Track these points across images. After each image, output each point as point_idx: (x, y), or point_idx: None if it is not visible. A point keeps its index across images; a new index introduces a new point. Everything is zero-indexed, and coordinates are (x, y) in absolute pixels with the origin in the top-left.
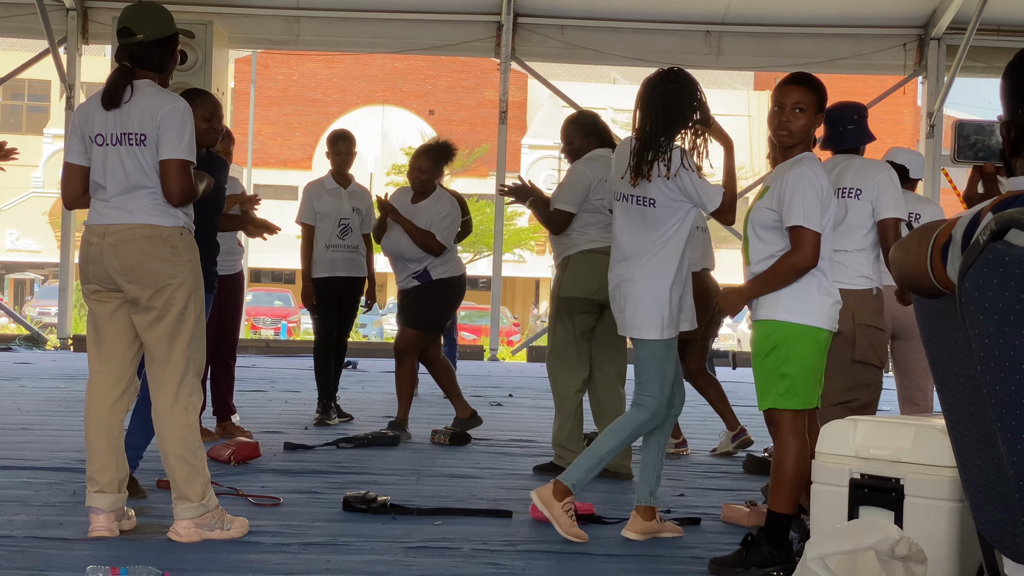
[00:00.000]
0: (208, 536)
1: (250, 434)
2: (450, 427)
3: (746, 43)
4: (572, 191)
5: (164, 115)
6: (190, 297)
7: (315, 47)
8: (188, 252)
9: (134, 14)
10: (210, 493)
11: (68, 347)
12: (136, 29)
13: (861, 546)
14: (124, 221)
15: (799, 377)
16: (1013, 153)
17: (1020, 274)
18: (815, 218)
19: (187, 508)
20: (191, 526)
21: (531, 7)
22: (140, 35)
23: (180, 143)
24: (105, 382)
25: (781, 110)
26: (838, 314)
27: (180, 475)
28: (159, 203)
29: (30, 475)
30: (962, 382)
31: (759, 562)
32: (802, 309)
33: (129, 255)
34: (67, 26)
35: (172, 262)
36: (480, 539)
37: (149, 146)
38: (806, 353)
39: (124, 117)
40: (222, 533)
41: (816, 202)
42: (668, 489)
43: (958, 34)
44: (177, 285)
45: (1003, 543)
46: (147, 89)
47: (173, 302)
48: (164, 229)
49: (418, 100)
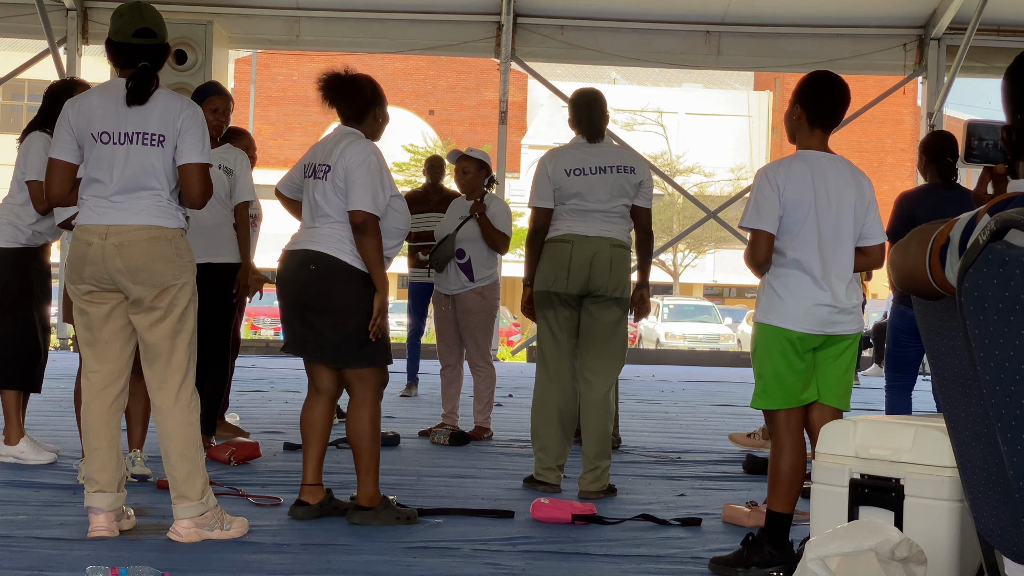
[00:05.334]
0: (208, 536)
1: (247, 434)
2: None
3: (746, 43)
4: (535, 187)
5: (185, 119)
6: (191, 297)
7: (315, 47)
8: (189, 253)
9: (151, 16)
10: (209, 492)
11: (68, 347)
12: (157, 31)
13: (861, 548)
14: (128, 222)
15: (770, 378)
16: (1015, 156)
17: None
18: (753, 217)
19: (187, 507)
20: (191, 526)
21: (531, 7)
22: (159, 37)
23: (202, 148)
24: (102, 382)
25: None
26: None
27: (181, 473)
28: (163, 204)
29: (30, 475)
30: (962, 382)
31: (760, 562)
32: (768, 310)
33: (135, 256)
34: (67, 26)
35: (177, 263)
36: (480, 539)
37: (166, 148)
38: (775, 353)
39: (144, 117)
40: (222, 533)
41: (762, 202)
42: (668, 489)
43: (958, 34)
44: (181, 286)
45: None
46: (162, 91)
47: (177, 302)
48: (168, 231)
49: (418, 100)
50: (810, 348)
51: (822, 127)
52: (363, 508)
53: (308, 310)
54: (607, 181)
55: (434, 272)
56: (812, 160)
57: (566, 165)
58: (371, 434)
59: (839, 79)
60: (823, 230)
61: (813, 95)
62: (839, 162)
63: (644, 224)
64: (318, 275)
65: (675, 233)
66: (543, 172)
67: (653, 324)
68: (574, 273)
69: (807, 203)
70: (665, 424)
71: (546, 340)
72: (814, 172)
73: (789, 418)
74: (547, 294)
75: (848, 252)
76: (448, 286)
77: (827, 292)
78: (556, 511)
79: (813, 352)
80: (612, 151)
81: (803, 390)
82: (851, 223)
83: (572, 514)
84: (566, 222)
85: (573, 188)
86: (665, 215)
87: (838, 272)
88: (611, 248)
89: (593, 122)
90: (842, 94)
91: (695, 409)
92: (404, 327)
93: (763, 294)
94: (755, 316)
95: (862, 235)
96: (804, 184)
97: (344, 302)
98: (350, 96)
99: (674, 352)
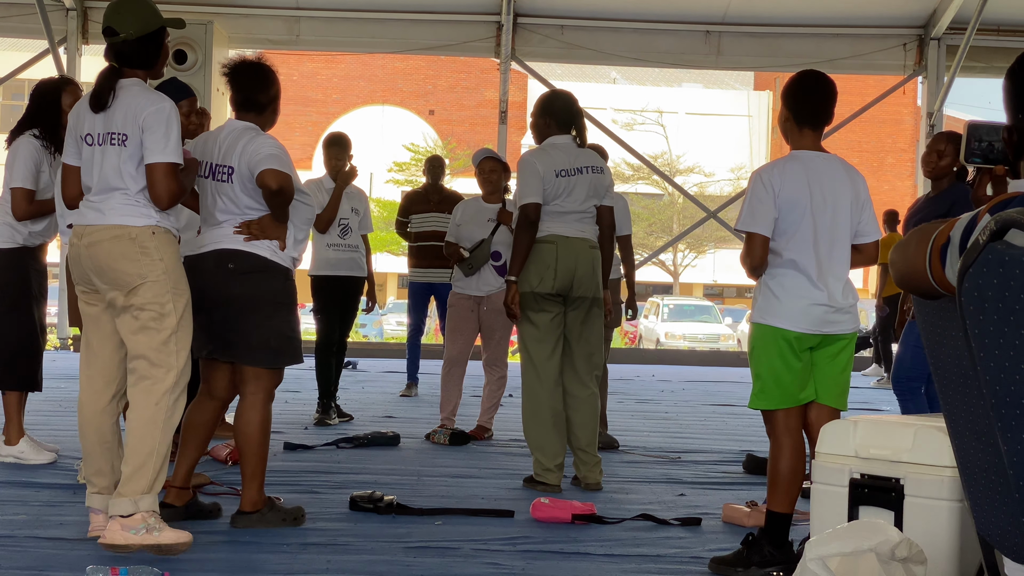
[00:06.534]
0: (132, 540)
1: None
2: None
3: (746, 43)
4: (529, 183)
5: (147, 116)
6: (167, 296)
7: (315, 47)
8: (160, 250)
9: (115, 12)
10: (148, 499)
11: (68, 347)
12: (118, 28)
13: (861, 548)
14: (97, 222)
15: (768, 378)
16: (1016, 156)
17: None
18: (748, 220)
19: (118, 503)
20: (117, 527)
21: (531, 7)
22: (123, 33)
23: (166, 145)
24: (94, 386)
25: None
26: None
27: (126, 469)
28: (130, 203)
29: (30, 475)
30: (962, 382)
31: (759, 562)
32: (765, 310)
33: (99, 256)
34: (67, 26)
35: (141, 262)
36: (480, 539)
37: (129, 147)
38: (772, 354)
39: (109, 117)
40: (148, 537)
41: (756, 205)
42: (668, 489)
43: (958, 34)
44: (149, 284)
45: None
46: (132, 88)
47: (148, 301)
48: (133, 229)
49: (418, 100)
50: (807, 348)
51: (810, 126)
52: (247, 513)
53: (228, 309)
54: (585, 182)
55: (457, 275)
56: (806, 160)
57: (556, 166)
58: (260, 438)
59: (823, 76)
60: (819, 230)
61: (795, 95)
62: (833, 161)
63: (609, 221)
64: (238, 272)
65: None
66: (532, 169)
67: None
68: (560, 274)
69: (802, 203)
70: (665, 424)
71: (533, 341)
72: (808, 172)
73: (788, 418)
74: (533, 295)
75: (844, 251)
76: (481, 288)
77: (823, 292)
78: (556, 511)
79: (810, 352)
80: (585, 152)
81: (801, 390)
82: (847, 222)
83: (572, 514)
84: (546, 223)
85: (559, 189)
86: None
87: (834, 271)
88: (589, 249)
89: (580, 127)
90: (825, 91)
91: (695, 409)
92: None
93: (759, 294)
94: (752, 316)
95: (857, 233)
96: (799, 185)
97: (268, 298)
98: (263, 86)
99: (674, 352)
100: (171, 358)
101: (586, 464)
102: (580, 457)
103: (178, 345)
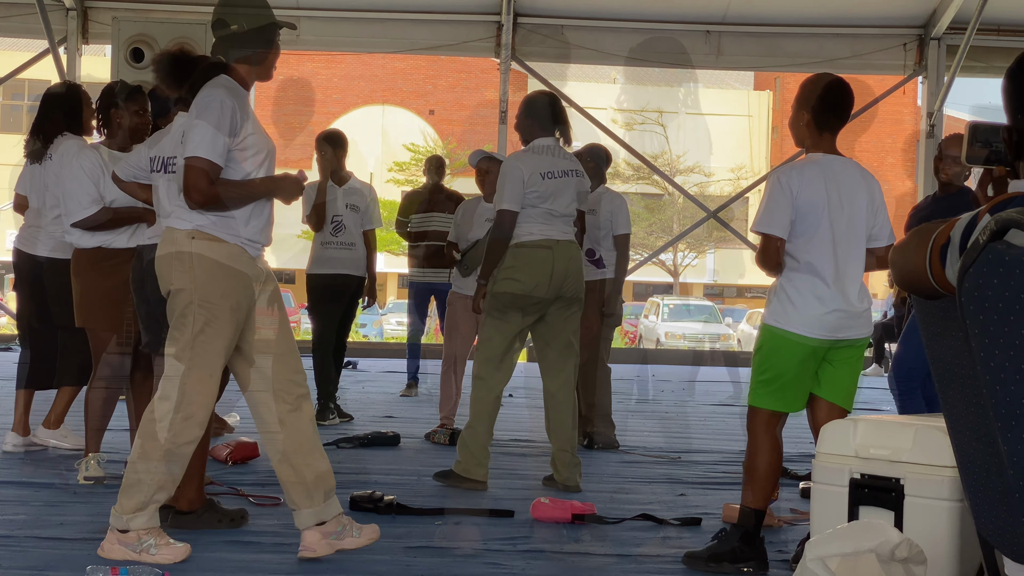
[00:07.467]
0: (128, 556)
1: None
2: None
3: (746, 43)
4: (509, 188)
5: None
6: (188, 307)
7: (315, 47)
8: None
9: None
10: (143, 516)
11: None
12: (230, 20)
13: (861, 548)
14: None
15: (774, 381)
16: (1016, 157)
17: (1020, 274)
18: (765, 222)
19: (114, 517)
20: (114, 540)
21: (531, 7)
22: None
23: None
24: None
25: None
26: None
27: (124, 481)
28: None
29: (30, 475)
30: (962, 382)
31: (731, 557)
32: (780, 315)
33: None
34: (67, 26)
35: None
36: (480, 539)
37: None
38: (786, 359)
39: None
40: (145, 555)
41: (774, 207)
42: (668, 489)
43: (958, 34)
44: (176, 292)
45: (1003, 543)
46: None
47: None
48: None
49: (418, 100)
50: (821, 355)
51: (830, 130)
52: (183, 513)
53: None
54: (571, 185)
55: (457, 274)
56: (824, 164)
57: (541, 169)
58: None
59: (844, 84)
60: (836, 233)
61: (824, 100)
62: (849, 165)
63: (582, 226)
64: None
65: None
66: (516, 174)
67: (653, 324)
68: (555, 279)
69: (820, 207)
70: (665, 424)
71: (506, 342)
72: (826, 176)
73: (774, 419)
74: (524, 297)
75: (860, 255)
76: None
77: (839, 296)
78: (556, 511)
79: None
80: (568, 156)
81: (802, 400)
82: (863, 226)
83: (572, 514)
84: (539, 226)
85: (547, 192)
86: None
87: (850, 274)
88: (577, 251)
89: (564, 127)
90: (851, 99)
91: (695, 409)
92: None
93: (775, 297)
94: (765, 318)
95: (871, 236)
96: (817, 188)
97: None
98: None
99: (674, 352)
100: (179, 379)
101: (566, 465)
102: (559, 458)
103: (189, 362)
